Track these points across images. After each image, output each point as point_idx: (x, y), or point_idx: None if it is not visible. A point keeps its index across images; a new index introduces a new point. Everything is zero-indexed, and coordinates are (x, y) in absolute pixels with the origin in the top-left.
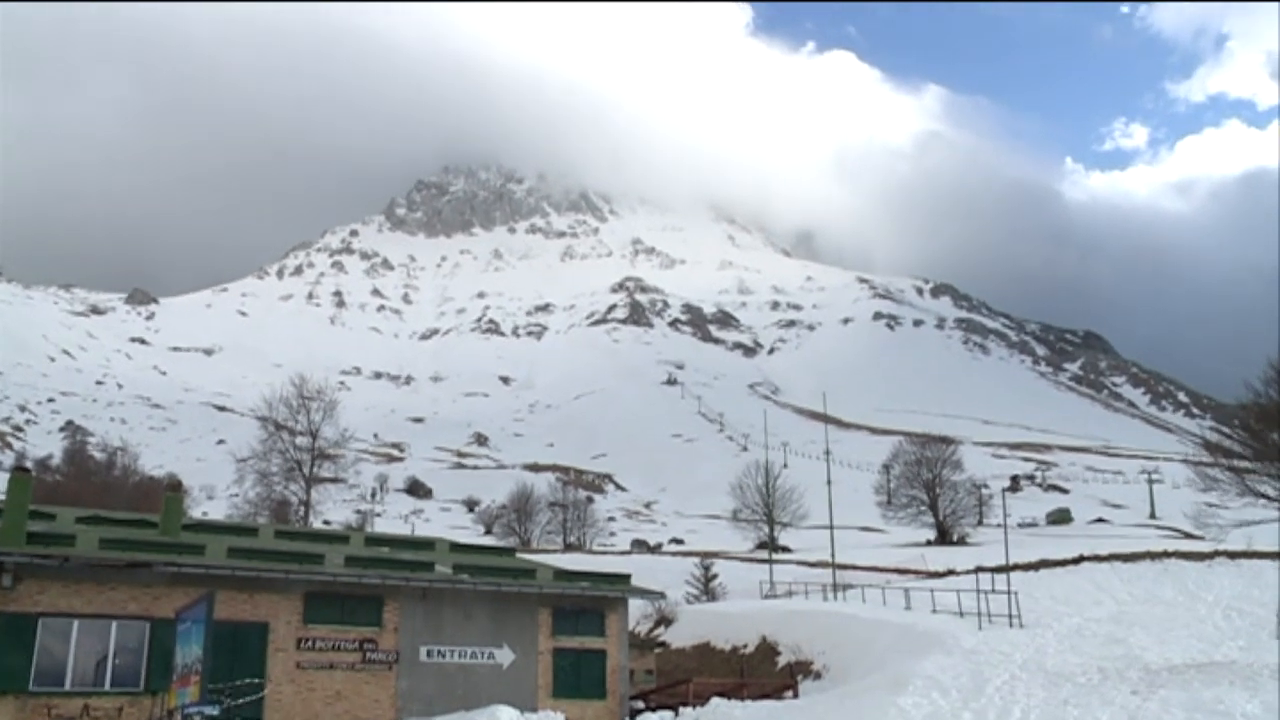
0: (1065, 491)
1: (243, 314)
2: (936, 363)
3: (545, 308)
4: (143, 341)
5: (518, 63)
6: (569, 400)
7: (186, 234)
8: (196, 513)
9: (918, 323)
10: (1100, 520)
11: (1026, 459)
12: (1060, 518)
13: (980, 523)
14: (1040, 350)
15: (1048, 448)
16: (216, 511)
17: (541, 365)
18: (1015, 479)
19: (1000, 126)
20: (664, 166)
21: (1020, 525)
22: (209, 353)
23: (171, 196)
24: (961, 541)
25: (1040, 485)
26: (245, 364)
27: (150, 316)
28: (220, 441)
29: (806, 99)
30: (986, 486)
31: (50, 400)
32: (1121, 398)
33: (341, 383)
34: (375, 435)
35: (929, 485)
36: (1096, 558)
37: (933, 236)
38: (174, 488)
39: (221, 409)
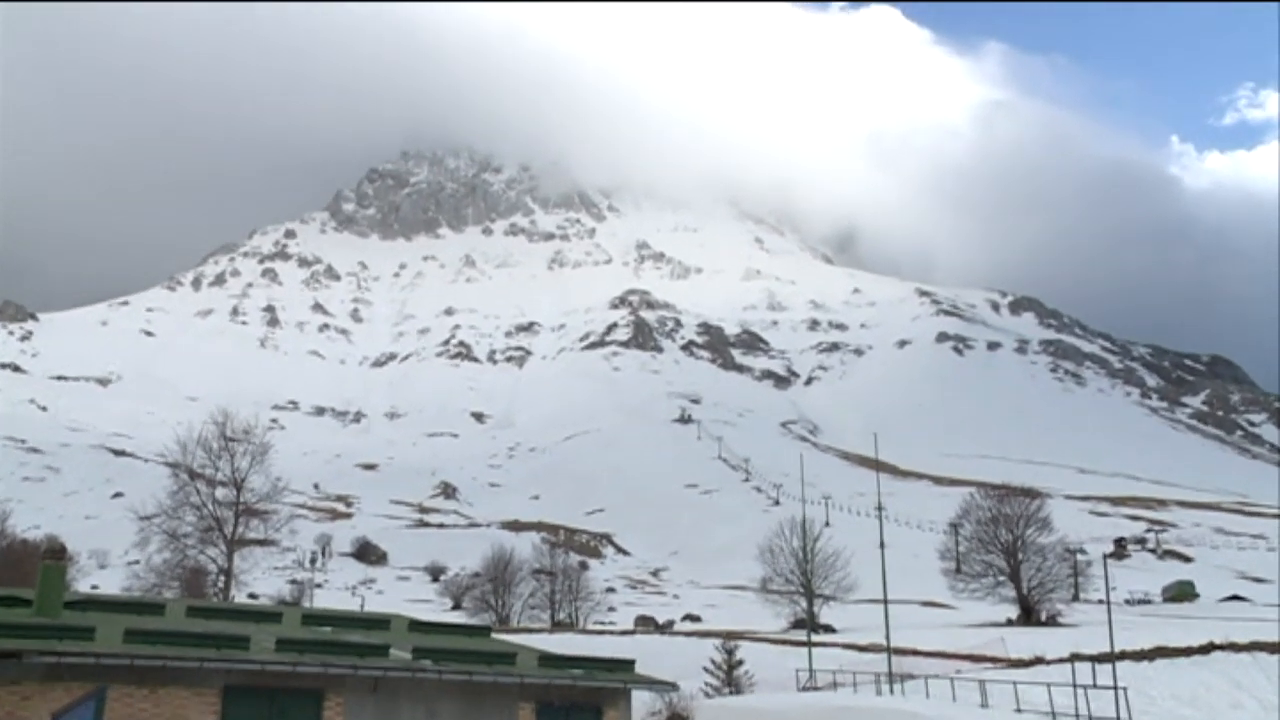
0: (1187, 560)
1: (148, 334)
2: (1017, 396)
3: (529, 327)
4: (16, 368)
5: (493, 29)
6: (558, 442)
7: (74, 232)
8: (84, 586)
9: (993, 345)
10: (1235, 598)
11: (1135, 517)
12: (1181, 593)
13: (1076, 598)
14: (1151, 380)
15: (1163, 503)
16: (111, 584)
17: (524, 399)
18: (1121, 543)
19: (1084, 93)
20: (673, 153)
21: (1128, 602)
22: (103, 382)
23: (54, 184)
24: (1052, 621)
25: (1154, 551)
26: (150, 397)
27: (26, 337)
28: (117, 495)
29: (840, 67)
30: (1084, 552)
31: None
32: (1260, 440)
33: (274, 420)
34: (316, 486)
35: (1009, 550)
36: (1233, 646)
37: (1007, 236)
38: (54, 554)
39: (119, 453)
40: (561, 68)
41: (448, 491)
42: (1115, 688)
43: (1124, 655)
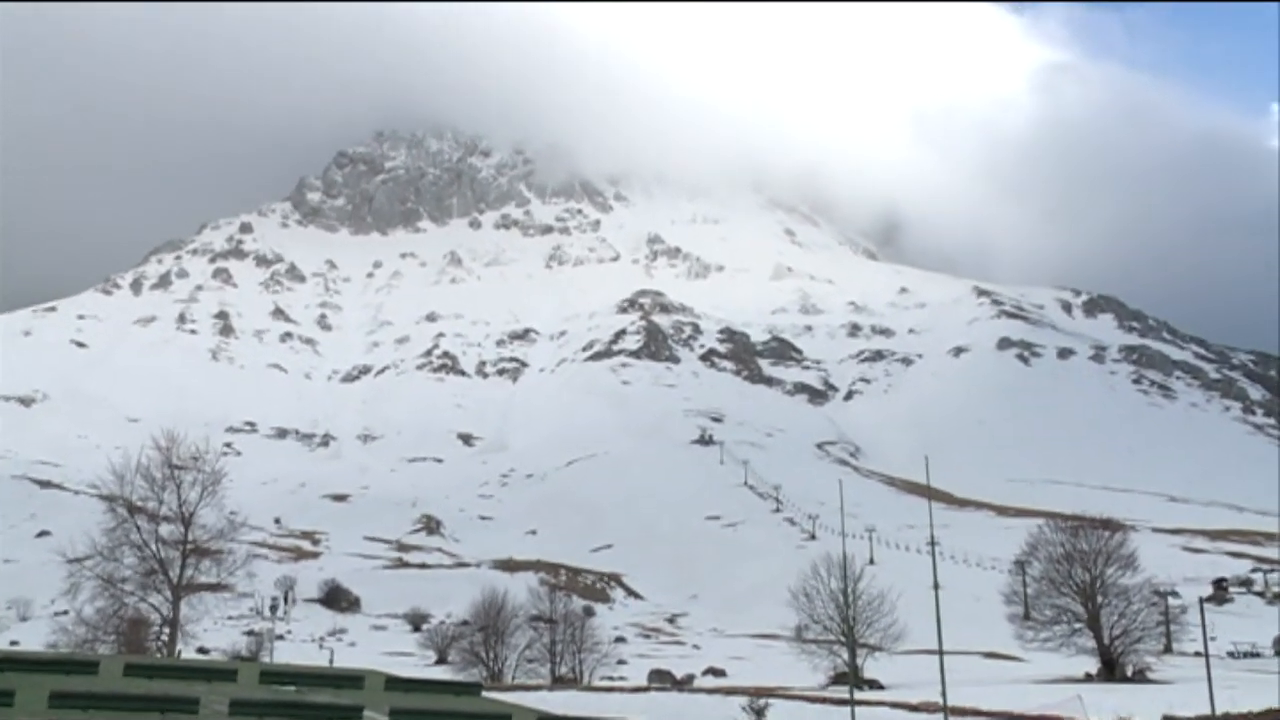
0: None
1: (79, 345)
2: (1094, 411)
3: (524, 335)
4: None
5: None
6: (558, 468)
7: None
8: (1, 642)
9: (1065, 353)
10: None
11: (1238, 554)
12: None
13: (1168, 650)
14: (1255, 392)
15: (1271, 537)
16: (34, 638)
17: (519, 418)
18: (1221, 584)
19: (1165, 53)
20: (689, 133)
21: (1232, 655)
22: (26, 402)
23: None
24: (1139, 677)
25: (1262, 594)
26: (82, 418)
27: None
28: (42, 533)
29: (876, 33)
30: (1176, 595)
31: None
32: None
33: (228, 445)
34: (278, 521)
35: (1086, 592)
36: None
37: (1077, 223)
38: None
39: (44, 484)
40: (560, 37)
41: (431, 526)
42: None
43: (1226, 718)
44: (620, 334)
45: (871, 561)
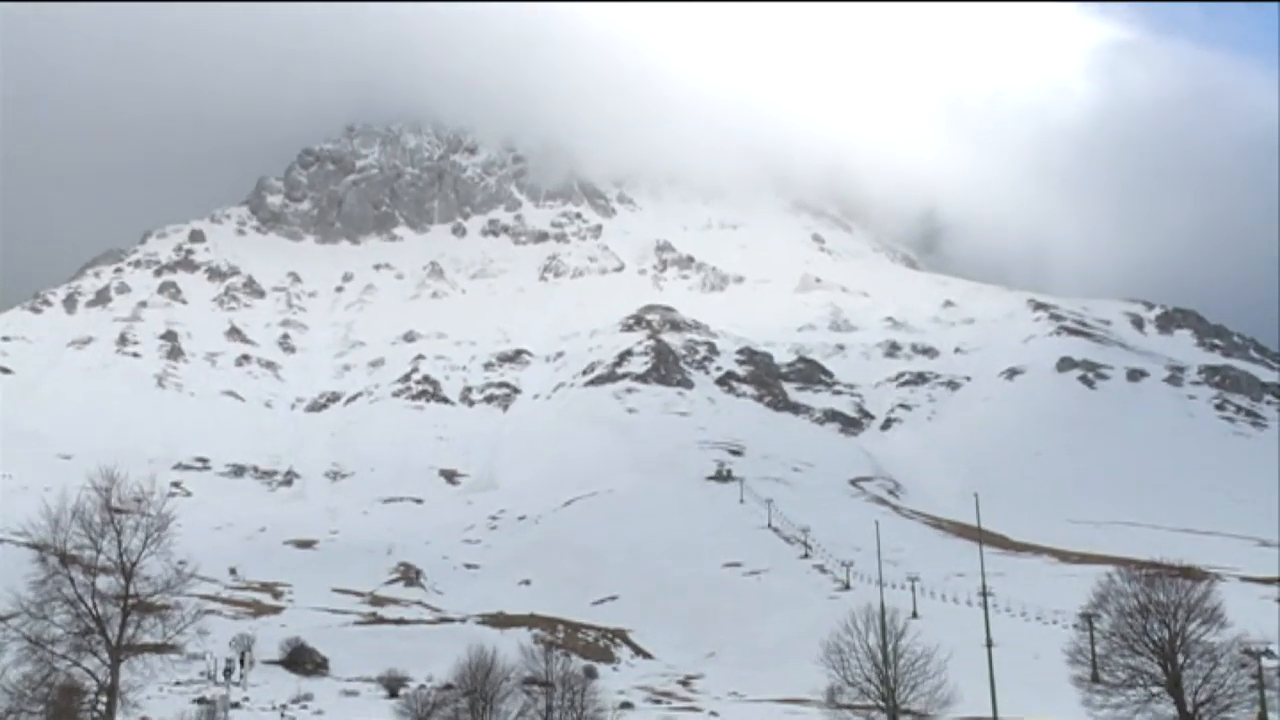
0: None
1: (3, 370)
2: (1170, 441)
3: (515, 357)
4: None
5: None
6: (555, 508)
7: None
8: None
9: (1136, 374)
10: None
11: None
12: None
13: (1263, 718)
14: None
15: None
16: None
17: (510, 452)
18: None
19: (1246, 30)
20: (703, 129)
21: None
22: None
23: None
24: None
25: None
26: (7, 454)
27: None
28: None
29: (907, 14)
30: (1271, 654)
31: None
32: None
33: (177, 485)
34: (233, 571)
35: (1165, 651)
36: None
37: (1144, 225)
38: None
39: None
40: (556, 20)
41: (409, 576)
42: None
43: None
44: (625, 355)
45: (915, 615)
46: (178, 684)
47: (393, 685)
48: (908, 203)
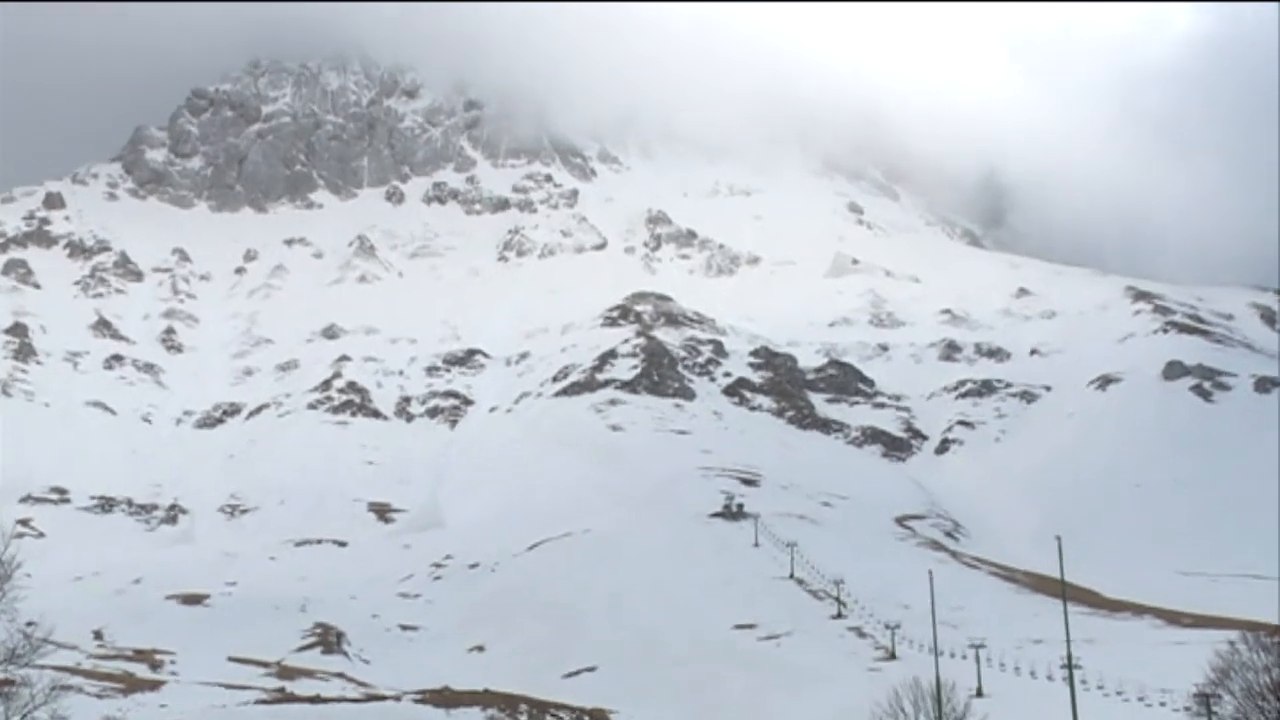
0: None
1: None
2: None
3: (467, 359)
4: None
5: None
6: (517, 553)
7: None
8: None
9: (1266, 385)
10: None
11: None
12: None
13: None
14: None
15: None
16: None
17: (460, 480)
18: None
19: None
20: (708, 70)
21: None
22: None
23: None
24: None
25: None
26: None
27: None
28: None
29: None
30: None
31: None
32: None
33: (26, 522)
34: (99, 635)
35: None
36: None
37: (1275, 193)
38: None
39: None
40: None
41: (329, 640)
42: None
43: None
44: (608, 357)
45: (979, 693)
46: None
47: None
48: (968, 163)
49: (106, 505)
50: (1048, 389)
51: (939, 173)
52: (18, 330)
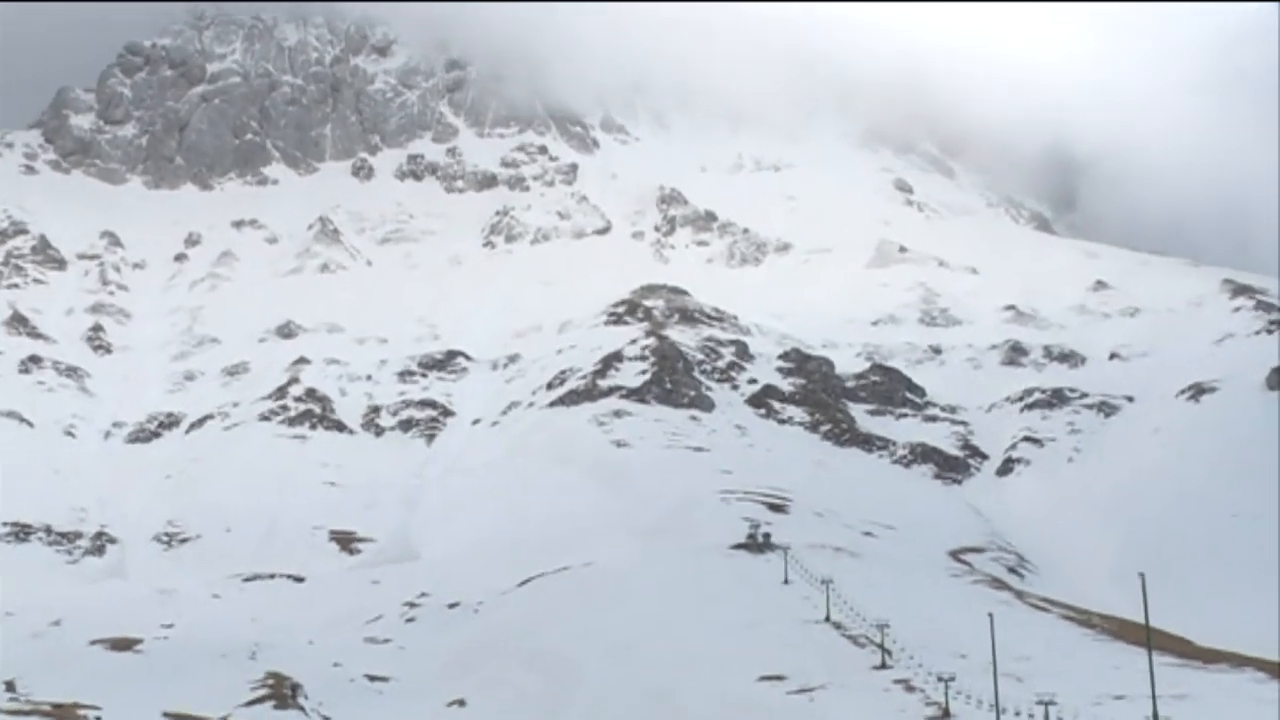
0: None
1: None
2: None
3: (447, 362)
4: None
5: None
6: (504, 591)
7: None
8: None
9: None
10: None
11: None
12: None
13: None
14: None
15: None
16: None
17: (437, 505)
18: None
19: None
20: (730, 26)
21: None
22: None
23: None
24: None
25: None
26: None
27: None
28: None
29: None
30: None
31: None
32: None
33: None
34: (10, 685)
35: None
36: None
37: None
38: None
39: None
40: None
41: (282, 693)
42: None
43: None
44: (612, 360)
45: None
46: None
47: None
48: (1036, 133)
49: (21, 533)
50: (1130, 400)
51: (1001, 145)
52: None
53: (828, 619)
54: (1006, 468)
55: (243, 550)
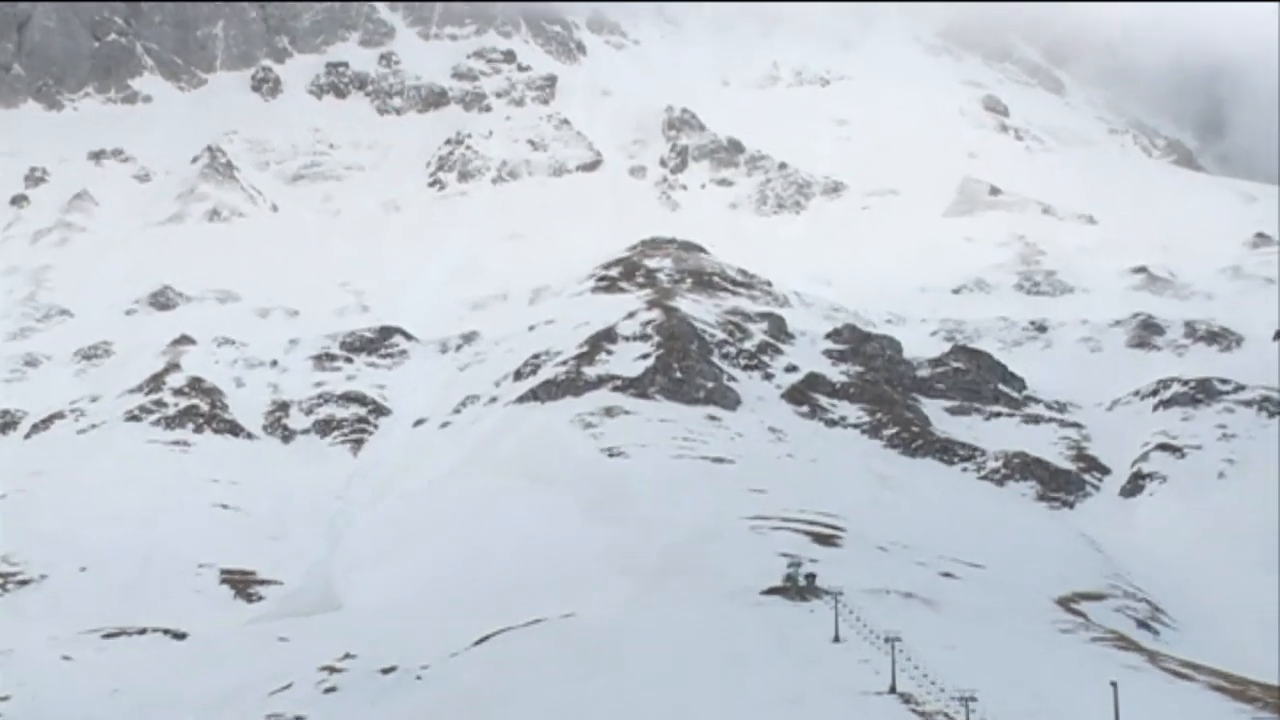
0: None
1: None
2: None
3: (379, 342)
4: None
5: None
6: (455, 653)
7: None
8: None
9: None
10: None
11: None
12: None
13: None
14: None
15: None
16: None
17: (368, 535)
18: None
19: None
20: None
21: None
22: None
23: None
24: None
25: None
26: None
27: None
28: None
29: None
30: None
31: None
32: None
33: None
34: None
35: None
36: None
37: None
38: None
39: None
40: None
41: None
42: None
43: None
44: (603, 341)
45: None
46: None
47: None
48: (1171, 39)
49: None
50: None
51: (1126, 53)
52: None
53: (893, 690)
54: (1135, 486)
55: (103, 596)
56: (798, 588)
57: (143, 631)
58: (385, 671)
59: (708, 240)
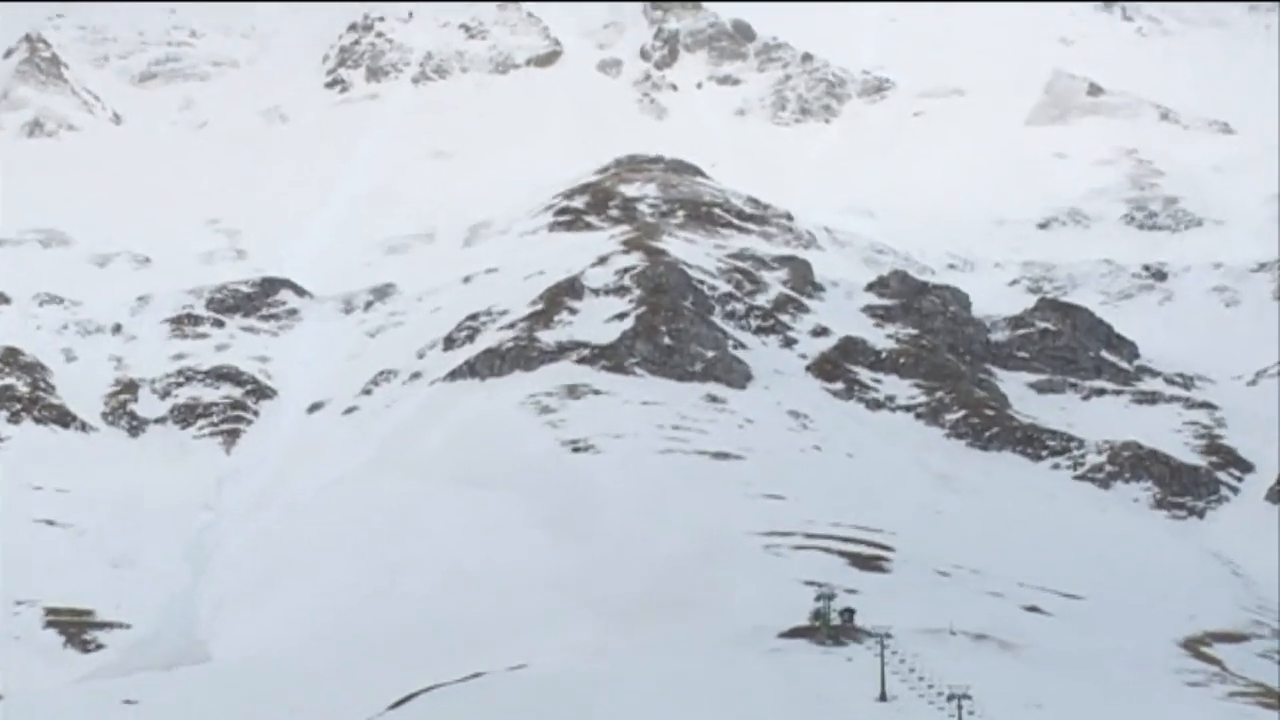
0: None
1: None
2: None
3: (260, 299)
4: None
5: None
6: (370, 718)
7: None
8: None
9: None
10: None
11: None
12: None
13: None
14: None
15: None
16: None
17: (245, 562)
18: None
19: None
20: None
21: None
22: None
23: None
24: None
25: None
26: None
27: None
28: None
29: None
30: None
31: None
32: None
33: None
34: None
35: None
36: None
37: None
38: None
39: None
40: None
41: None
42: None
43: None
44: (564, 295)
45: None
46: None
47: None
48: None
49: None
50: None
51: None
52: None
53: None
54: None
55: None
56: (830, 628)
57: None
58: None
59: (706, 159)
